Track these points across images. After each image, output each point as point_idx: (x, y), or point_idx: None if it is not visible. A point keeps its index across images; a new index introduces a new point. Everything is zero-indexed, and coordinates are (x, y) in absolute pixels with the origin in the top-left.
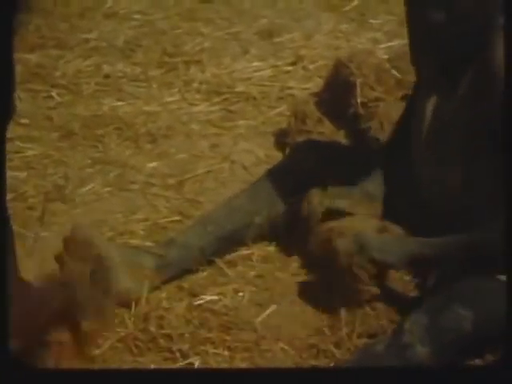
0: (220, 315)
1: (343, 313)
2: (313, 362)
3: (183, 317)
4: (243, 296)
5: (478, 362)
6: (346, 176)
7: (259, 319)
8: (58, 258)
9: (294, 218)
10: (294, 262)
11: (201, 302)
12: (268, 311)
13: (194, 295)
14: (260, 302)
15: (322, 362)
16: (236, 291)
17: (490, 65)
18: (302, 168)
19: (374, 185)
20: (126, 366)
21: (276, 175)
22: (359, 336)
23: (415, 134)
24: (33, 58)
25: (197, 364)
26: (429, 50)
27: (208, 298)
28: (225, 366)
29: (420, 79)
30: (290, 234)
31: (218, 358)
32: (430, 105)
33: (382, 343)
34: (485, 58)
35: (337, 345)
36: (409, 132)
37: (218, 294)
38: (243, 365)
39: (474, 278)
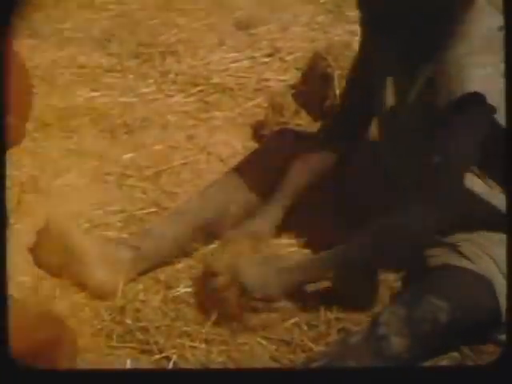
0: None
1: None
2: (290, 357)
3: (159, 309)
4: None
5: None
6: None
7: None
8: (32, 250)
9: None
10: None
11: (177, 294)
12: None
13: (171, 287)
14: None
15: (299, 357)
16: None
17: (448, 65)
18: (275, 157)
19: None
20: (101, 359)
21: (249, 164)
22: (338, 331)
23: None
24: None
25: (174, 357)
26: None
27: (184, 290)
28: (201, 359)
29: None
30: None
31: (195, 351)
32: (390, 93)
33: (358, 335)
34: (443, 58)
35: (314, 340)
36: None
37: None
38: (220, 358)
39: (446, 268)
